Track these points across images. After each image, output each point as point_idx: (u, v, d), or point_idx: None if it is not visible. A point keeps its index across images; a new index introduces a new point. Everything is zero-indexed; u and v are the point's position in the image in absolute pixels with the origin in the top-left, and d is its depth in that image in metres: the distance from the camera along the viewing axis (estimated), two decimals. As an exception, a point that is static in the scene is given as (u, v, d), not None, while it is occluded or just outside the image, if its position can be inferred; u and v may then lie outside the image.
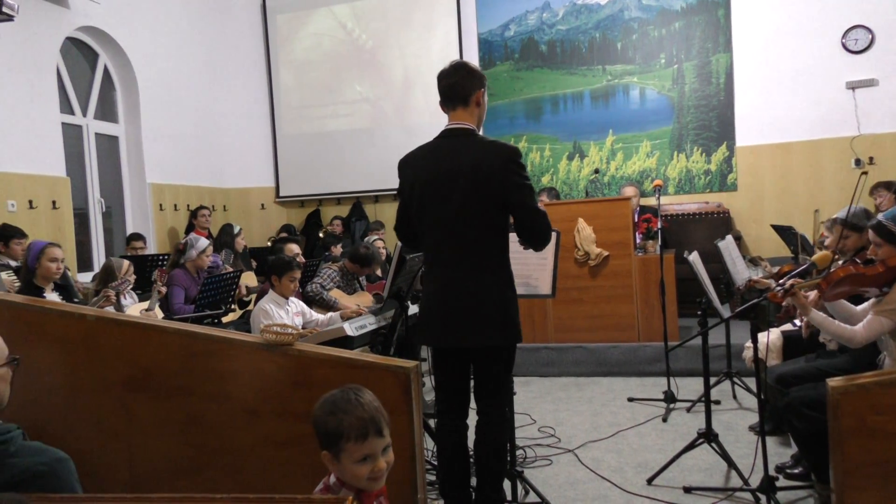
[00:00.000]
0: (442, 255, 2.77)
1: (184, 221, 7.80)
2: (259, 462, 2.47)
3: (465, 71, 2.78)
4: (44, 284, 4.26)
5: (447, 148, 2.75)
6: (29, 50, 5.87)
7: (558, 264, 3.46)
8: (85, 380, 2.65)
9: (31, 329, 2.70)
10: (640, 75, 7.92)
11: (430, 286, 2.81)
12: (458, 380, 2.86)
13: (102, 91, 7.13)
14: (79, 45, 6.86)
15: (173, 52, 7.89)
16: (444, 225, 2.73)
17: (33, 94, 5.91)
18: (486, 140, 2.77)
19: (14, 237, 5.23)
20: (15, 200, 5.62)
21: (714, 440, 3.53)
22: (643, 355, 5.55)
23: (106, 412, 2.62)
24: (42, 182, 5.90)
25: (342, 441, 1.73)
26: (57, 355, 2.69)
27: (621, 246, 5.67)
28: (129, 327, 2.64)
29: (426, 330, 2.82)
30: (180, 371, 2.55)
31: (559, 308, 5.79)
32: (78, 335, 2.66)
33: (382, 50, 8.71)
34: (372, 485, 1.76)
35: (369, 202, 8.87)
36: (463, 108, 2.78)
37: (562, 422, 4.50)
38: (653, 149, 7.89)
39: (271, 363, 2.45)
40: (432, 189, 2.74)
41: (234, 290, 5.17)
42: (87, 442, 2.61)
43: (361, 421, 1.74)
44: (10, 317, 2.71)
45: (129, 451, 2.60)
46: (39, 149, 5.94)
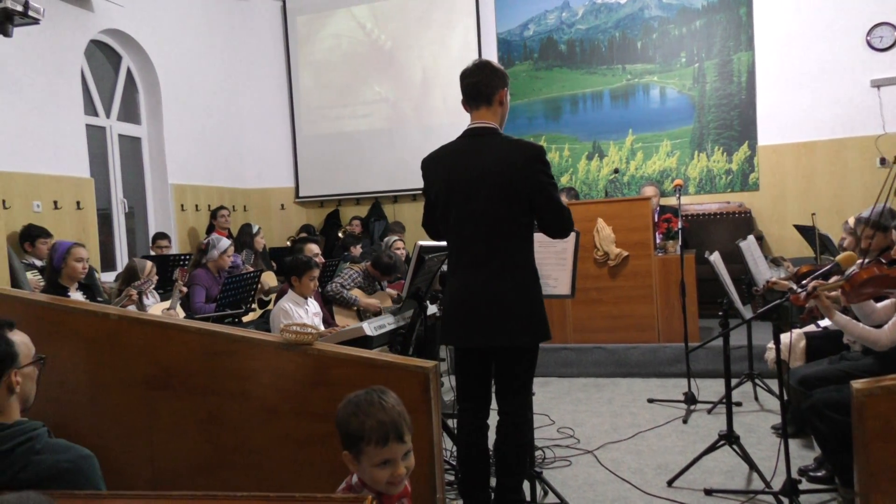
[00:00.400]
0: (467, 254, 2.76)
1: (205, 222, 7.87)
2: (278, 461, 2.49)
3: (488, 69, 2.78)
4: (69, 284, 4.31)
5: (471, 148, 2.75)
6: (54, 53, 5.96)
7: (577, 264, 3.45)
8: (108, 378, 2.68)
9: (55, 328, 2.74)
10: (660, 74, 7.86)
11: (455, 285, 2.80)
12: (481, 379, 2.85)
13: (125, 93, 7.21)
14: (102, 47, 6.94)
15: (195, 53, 7.97)
16: (468, 225, 2.73)
17: (58, 96, 6.00)
18: (510, 139, 2.76)
19: (40, 237, 5.32)
20: (40, 201, 5.71)
21: (735, 442, 3.49)
22: (663, 356, 5.50)
23: (128, 410, 2.65)
24: (67, 183, 5.99)
25: (362, 443, 1.73)
26: (81, 354, 2.72)
27: (641, 246, 5.64)
28: (151, 326, 2.67)
29: (451, 329, 2.81)
30: (201, 370, 2.57)
31: (578, 308, 5.77)
32: (101, 334, 2.69)
33: (401, 50, 8.73)
34: (390, 489, 1.75)
35: (388, 202, 8.89)
36: (486, 107, 2.77)
37: (581, 423, 4.48)
38: (673, 148, 7.83)
39: (291, 362, 2.46)
40: (457, 189, 2.73)
41: (254, 289, 5.21)
42: (110, 439, 2.64)
43: (383, 425, 1.72)
44: (35, 316, 2.75)
45: (150, 449, 2.63)
46: (64, 150, 6.02)
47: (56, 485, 1.72)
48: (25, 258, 5.24)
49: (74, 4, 6.22)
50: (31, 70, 5.72)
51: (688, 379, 4.72)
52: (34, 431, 1.79)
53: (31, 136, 5.68)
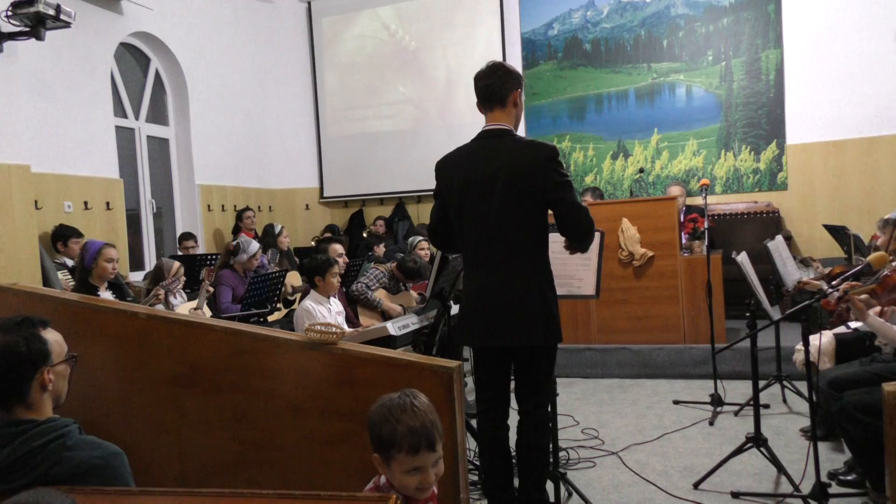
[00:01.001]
0: (482, 256, 2.77)
1: (230, 222, 7.95)
2: (303, 459, 2.51)
3: (501, 71, 2.79)
4: (99, 283, 4.38)
5: (485, 149, 2.76)
6: (84, 55, 6.06)
7: (602, 265, 3.43)
8: (137, 376, 2.73)
9: (86, 326, 2.79)
10: (686, 73, 7.78)
11: (471, 287, 2.82)
12: (500, 380, 2.86)
13: (154, 94, 7.31)
14: (131, 49, 7.05)
15: (222, 56, 8.05)
16: (483, 226, 2.74)
17: (89, 99, 6.10)
18: (523, 140, 2.77)
19: (71, 237, 5.41)
20: (71, 201, 5.81)
21: (763, 445, 3.45)
22: (689, 357, 5.45)
23: (157, 408, 2.69)
24: (97, 184, 6.09)
25: (394, 450, 1.72)
26: (110, 352, 2.77)
27: (667, 246, 5.59)
28: (179, 325, 2.70)
29: (467, 330, 2.83)
30: (227, 368, 2.60)
31: (603, 309, 5.73)
32: (130, 333, 2.73)
33: (425, 51, 8.74)
34: (418, 494, 1.75)
35: (412, 202, 8.91)
36: (500, 108, 2.79)
37: (605, 424, 4.45)
38: (699, 147, 7.74)
39: (315, 361, 2.48)
40: (471, 190, 2.74)
41: (279, 289, 5.25)
42: (139, 436, 2.68)
43: (415, 433, 1.71)
44: (66, 314, 2.80)
45: (178, 446, 2.67)
46: (94, 151, 6.12)
47: (87, 481, 1.75)
48: (57, 258, 5.33)
49: (104, 8, 6.32)
50: (63, 72, 5.82)
51: (714, 380, 4.67)
52: (66, 428, 1.83)
53: (63, 137, 5.78)
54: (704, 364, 5.27)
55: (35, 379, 1.84)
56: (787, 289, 4.48)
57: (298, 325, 4.30)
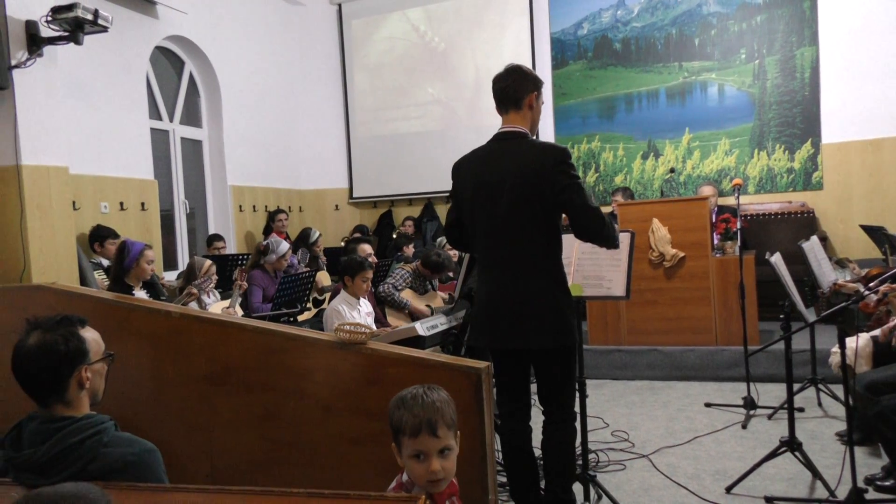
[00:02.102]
0: (493, 257, 2.78)
1: (261, 223, 8.04)
2: (333, 458, 2.52)
3: (517, 74, 2.80)
4: (135, 283, 4.46)
5: (498, 151, 2.77)
6: (121, 59, 6.18)
7: (632, 265, 3.40)
8: (170, 374, 2.77)
9: (121, 325, 2.84)
10: (718, 72, 7.67)
11: (483, 288, 2.83)
12: (519, 381, 2.86)
13: (188, 97, 7.43)
14: (166, 53, 7.17)
15: (254, 59, 8.15)
16: (494, 228, 2.75)
17: (125, 101, 6.22)
18: (535, 142, 2.79)
19: (109, 238, 5.52)
20: (107, 202, 5.92)
21: (798, 449, 3.38)
22: (721, 359, 5.38)
23: (189, 406, 2.73)
24: (132, 185, 6.20)
25: (400, 434, 1.80)
26: (144, 350, 2.82)
27: (698, 247, 5.52)
28: (211, 324, 2.74)
29: (479, 331, 2.84)
30: (258, 367, 2.63)
31: (633, 310, 5.68)
32: (164, 331, 2.78)
33: (454, 51, 8.75)
34: (429, 487, 1.77)
35: (440, 203, 8.91)
36: (515, 111, 2.80)
37: (636, 426, 4.41)
38: (732, 147, 7.63)
39: (345, 361, 2.49)
40: (483, 192, 2.76)
41: (309, 289, 5.29)
42: (172, 434, 2.72)
43: (417, 417, 1.78)
44: (102, 313, 2.85)
45: (210, 444, 2.70)
46: (130, 153, 6.24)
47: (122, 476, 1.78)
48: (93, 258, 5.44)
49: (140, 12, 6.44)
50: (100, 76, 5.94)
51: (747, 383, 4.59)
52: (102, 425, 1.86)
53: (99, 139, 5.90)
54: (737, 366, 5.19)
55: (73, 377, 1.87)
56: (823, 290, 4.39)
57: (328, 325, 4.33)
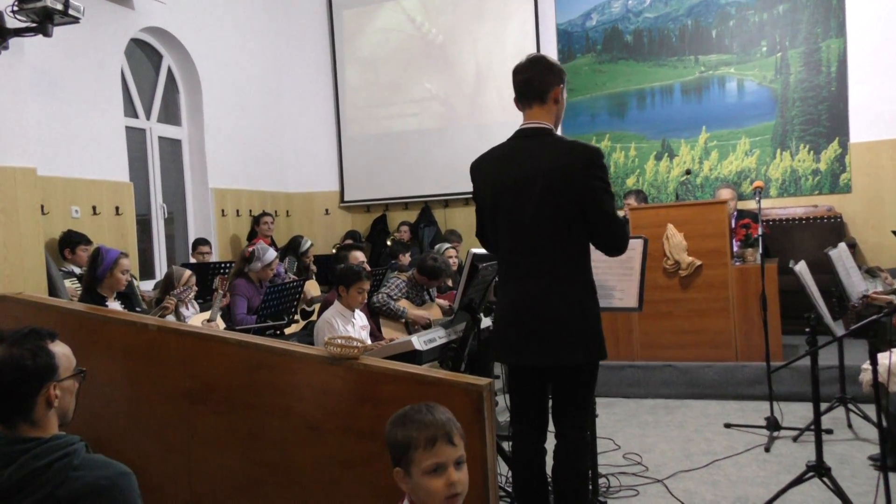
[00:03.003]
0: (518, 265, 2.76)
1: (246, 228, 8.04)
2: (322, 482, 2.51)
3: (542, 65, 2.78)
4: (108, 294, 4.45)
5: (522, 150, 2.75)
6: (94, 52, 6.19)
7: (645, 275, 3.40)
8: (146, 391, 2.76)
9: (93, 338, 2.83)
10: (737, 65, 7.70)
11: (505, 298, 2.80)
12: (536, 399, 2.84)
13: (166, 93, 7.44)
14: (143, 46, 7.19)
15: (237, 52, 8.17)
16: (519, 232, 2.73)
17: (98, 98, 6.22)
18: (564, 140, 2.75)
19: (80, 244, 5.49)
20: (79, 206, 5.92)
21: (826, 474, 3.37)
22: (741, 376, 5.37)
23: (167, 425, 2.72)
24: (106, 187, 6.20)
25: (411, 450, 1.75)
26: (119, 365, 2.81)
27: (716, 254, 5.52)
28: (191, 338, 2.74)
29: (501, 345, 2.81)
30: (242, 384, 2.62)
31: (646, 322, 5.68)
32: (140, 345, 2.77)
33: (453, 44, 8.78)
34: (450, 503, 1.75)
35: (439, 207, 8.92)
36: (539, 105, 2.77)
37: (649, 448, 4.41)
38: (752, 146, 7.65)
39: (335, 377, 2.49)
40: (507, 194, 2.74)
41: (297, 299, 5.29)
42: (148, 455, 2.72)
43: (430, 427, 1.76)
44: (73, 326, 2.85)
45: (189, 466, 2.70)
46: (103, 153, 6.24)
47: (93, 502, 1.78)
48: (64, 266, 5.43)
49: (115, 2, 6.45)
50: (71, 71, 5.95)
51: (770, 402, 4.59)
52: (72, 446, 1.85)
53: (70, 138, 5.90)
54: (759, 384, 5.18)
55: (41, 395, 1.86)
56: (852, 302, 4.39)
57: (318, 339, 4.32)
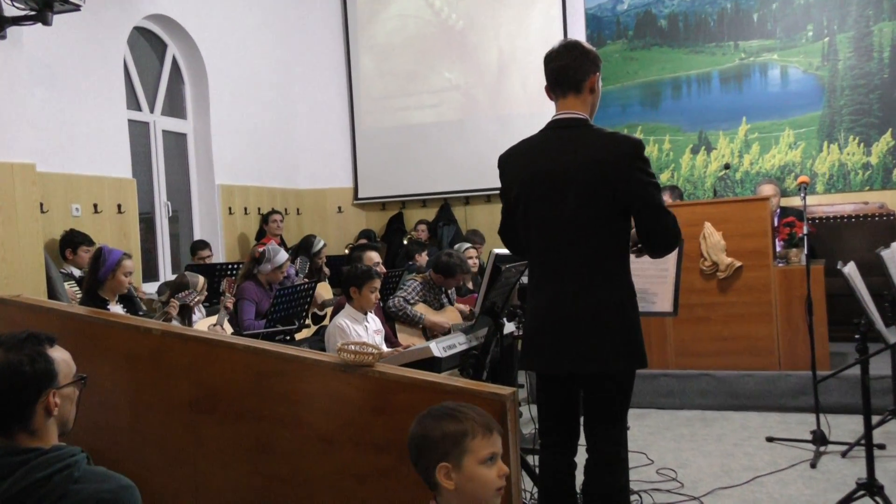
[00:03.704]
0: (552, 265, 2.74)
1: (254, 226, 8.09)
2: (335, 496, 2.52)
3: (577, 51, 2.76)
4: (110, 297, 4.50)
5: (557, 141, 2.73)
6: (96, 42, 6.25)
7: (681, 277, 3.38)
8: (150, 400, 2.79)
9: (95, 344, 2.87)
10: (781, 52, 7.64)
11: (538, 301, 2.79)
12: (567, 410, 2.83)
13: (170, 84, 7.51)
14: (146, 35, 7.25)
15: (246, 40, 8.22)
16: (554, 231, 2.71)
17: (100, 90, 6.29)
18: (603, 132, 2.73)
19: (83, 244, 5.53)
20: (80, 204, 5.98)
21: (878, 493, 3.34)
22: (785, 386, 5.33)
23: (171, 436, 2.75)
24: (107, 184, 6.27)
25: (467, 440, 1.80)
26: (121, 373, 2.84)
27: (757, 255, 5.48)
28: (197, 343, 2.76)
29: (533, 353, 2.79)
30: (250, 392, 2.64)
31: (682, 328, 5.65)
32: (143, 351, 2.80)
33: (474, 31, 8.78)
34: (497, 498, 1.80)
35: (459, 204, 8.92)
36: (574, 94, 2.75)
37: (685, 463, 4.39)
38: (797, 139, 7.58)
39: (349, 386, 2.49)
40: (540, 190, 2.72)
41: (308, 303, 5.31)
42: (152, 467, 2.74)
43: (484, 416, 1.84)
44: (73, 330, 2.88)
45: (194, 479, 2.72)
46: (105, 148, 6.30)
47: (94, 517, 1.80)
48: (64, 267, 5.48)
49: (117, -11, 6.52)
50: (71, 61, 6.01)
51: (816, 414, 4.55)
52: (72, 458, 1.87)
53: (71, 132, 5.97)
54: (804, 394, 5.14)
55: (39, 402, 1.88)
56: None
57: (330, 345, 4.34)
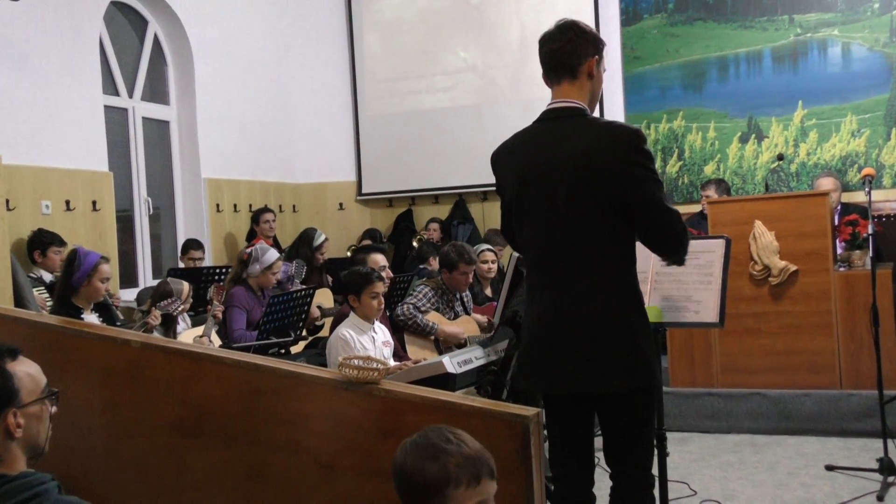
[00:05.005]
0: (546, 270, 2.76)
1: (245, 225, 8.11)
2: (336, 531, 2.53)
3: (573, 32, 2.79)
4: (84, 305, 4.53)
5: (550, 133, 2.75)
6: (67, 18, 6.28)
7: (727, 282, 3.36)
8: (128, 421, 2.80)
9: (67, 358, 2.87)
10: (842, 26, 7.60)
11: (533, 311, 2.81)
12: (579, 435, 2.83)
13: (152, 66, 7.55)
14: (125, 10, 7.29)
15: (236, 16, 8.25)
16: (546, 232, 2.73)
17: (72, 72, 6.32)
18: (599, 122, 2.77)
19: (52, 245, 5.55)
20: (50, 200, 6.02)
21: (951, 528, 3.31)
22: (847, 407, 5.30)
23: (152, 461, 2.76)
24: (81, 178, 6.31)
25: (449, 488, 1.76)
26: (97, 390, 2.85)
27: (816, 258, 5.45)
28: (181, 357, 2.76)
29: (529, 369, 2.82)
30: (241, 413, 2.64)
31: (729, 341, 5.63)
32: (121, 366, 2.81)
33: (493, 4, 8.78)
34: None
35: (475, 200, 8.92)
36: (570, 80, 2.77)
37: (733, 494, 4.38)
38: (861, 126, 7.55)
39: (352, 406, 2.50)
40: (532, 187, 2.75)
41: (306, 311, 5.32)
42: (130, 497, 2.75)
43: (472, 460, 1.77)
44: (44, 342, 2.89)
45: (179, 511, 2.72)
46: (79, 138, 6.34)
47: (66, 552, 1.81)
48: (32, 271, 5.51)
49: (92, -41, 6.56)
50: (41, 41, 6.05)
51: (883, 439, 4.52)
52: (41, 486, 1.88)
53: (41, 121, 6.00)
54: (869, 417, 5.12)
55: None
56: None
57: (331, 359, 4.35)
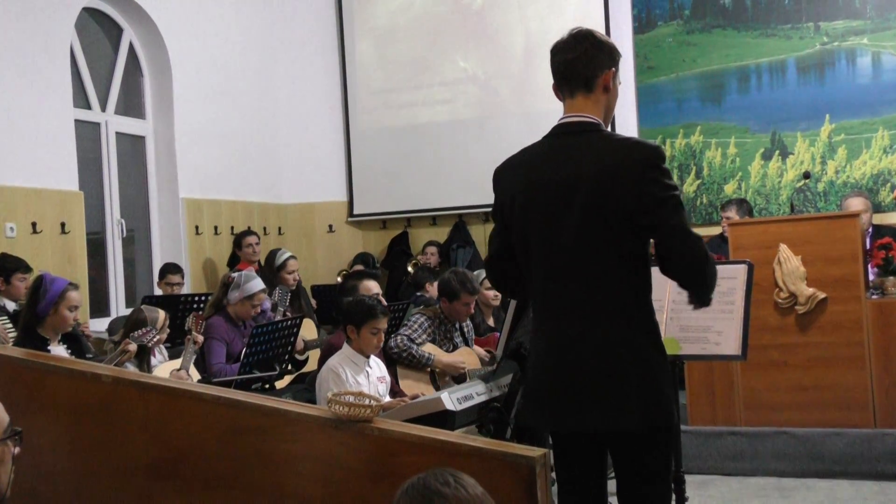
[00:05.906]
0: (555, 298, 2.76)
1: (226, 250, 8.09)
2: (325, 584, 2.51)
3: (588, 43, 2.80)
4: (51, 336, 4.52)
5: (560, 150, 2.76)
6: (36, 25, 6.31)
7: (750, 311, 3.36)
8: (99, 462, 2.79)
9: (31, 393, 2.87)
10: (872, 34, 7.65)
11: (540, 343, 2.81)
12: (589, 478, 2.83)
13: (126, 77, 7.57)
14: (98, 17, 7.33)
15: (218, 24, 8.29)
16: (555, 256, 2.73)
17: (40, 83, 6.33)
18: (616, 138, 2.80)
19: (17, 271, 5.53)
20: (15, 223, 6.02)
21: None
22: (882, 448, 5.29)
23: (125, 507, 2.74)
24: (49, 198, 6.31)
25: None
26: (64, 428, 2.84)
27: (846, 284, 5.46)
28: (156, 393, 2.76)
29: (535, 405, 2.81)
30: (221, 454, 2.64)
31: (752, 375, 5.62)
32: (91, 402, 2.80)
33: (496, 10, 8.83)
34: None
35: (476, 222, 8.91)
36: (584, 94, 2.78)
37: (758, 543, 4.36)
38: (893, 141, 7.59)
39: (342, 446, 2.49)
40: (540, 206, 2.74)
41: (291, 343, 5.31)
42: (100, 547, 2.74)
43: None
44: (6, 376, 2.89)
45: (153, 562, 2.71)
46: (46, 154, 6.34)
47: None
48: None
49: (63, -37, 6.60)
50: (5, 49, 6.06)
51: (921, 482, 4.52)
52: (3, 535, 1.87)
53: (5, 136, 6.00)
54: (906, 458, 5.10)
55: (-45, 467, 1.88)
56: None
57: (320, 394, 4.34)
